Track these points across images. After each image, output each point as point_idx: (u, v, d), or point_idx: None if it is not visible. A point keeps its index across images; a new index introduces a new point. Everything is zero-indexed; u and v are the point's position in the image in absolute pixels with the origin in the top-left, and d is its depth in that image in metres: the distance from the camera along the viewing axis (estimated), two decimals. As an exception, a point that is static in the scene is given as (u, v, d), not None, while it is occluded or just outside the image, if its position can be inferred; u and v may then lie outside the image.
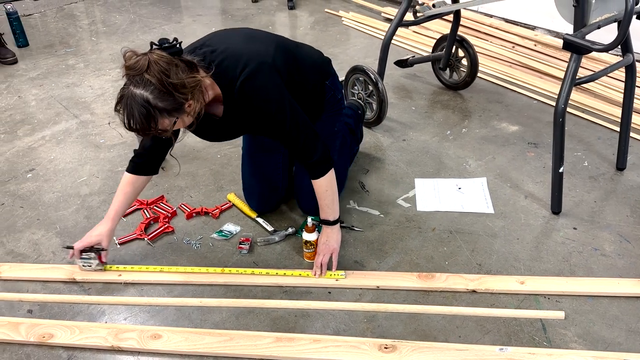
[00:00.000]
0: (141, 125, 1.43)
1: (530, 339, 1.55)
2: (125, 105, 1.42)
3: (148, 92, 1.41)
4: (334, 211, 1.75)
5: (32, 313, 1.71)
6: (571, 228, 1.95)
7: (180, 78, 1.44)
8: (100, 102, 2.98)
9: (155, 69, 1.41)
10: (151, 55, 1.44)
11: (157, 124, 1.45)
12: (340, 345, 1.55)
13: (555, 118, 1.87)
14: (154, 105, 1.41)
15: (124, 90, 1.44)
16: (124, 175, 1.80)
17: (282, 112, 1.61)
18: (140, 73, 1.41)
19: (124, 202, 1.80)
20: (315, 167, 1.69)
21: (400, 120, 2.67)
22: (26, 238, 2.03)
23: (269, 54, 1.62)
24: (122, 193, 1.79)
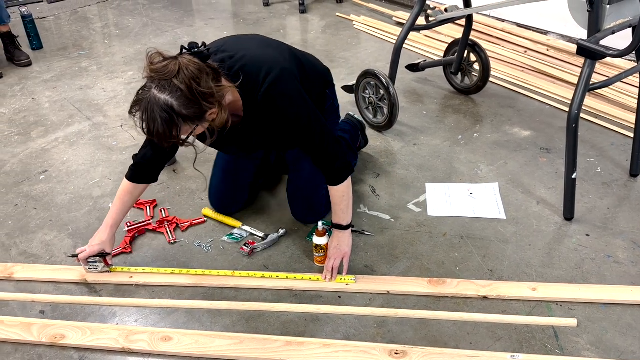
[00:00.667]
0: (162, 132, 1.38)
1: (543, 346, 1.54)
2: (145, 110, 1.37)
3: (174, 98, 1.36)
4: (347, 216, 1.76)
5: (44, 314, 1.72)
6: (584, 235, 1.94)
7: (209, 87, 1.40)
8: (112, 105, 3.00)
9: (186, 75, 1.36)
10: (182, 59, 1.39)
11: (180, 132, 1.41)
12: (351, 350, 1.54)
13: (568, 124, 1.86)
14: (178, 112, 1.37)
15: (145, 94, 1.37)
16: (123, 181, 1.80)
17: (307, 118, 1.61)
18: (168, 78, 1.36)
19: (122, 209, 1.80)
20: (337, 173, 1.69)
21: (411, 125, 2.67)
22: (39, 239, 2.04)
23: (286, 60, 1.62)
24: (120, 201, 1.79)
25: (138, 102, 1.39)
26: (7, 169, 2.48)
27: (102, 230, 1.80)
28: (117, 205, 1.79)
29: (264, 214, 2.11)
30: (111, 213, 1.80)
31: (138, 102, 1.39)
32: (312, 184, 1.96)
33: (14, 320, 1.68)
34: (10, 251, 1.98)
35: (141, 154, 1.76)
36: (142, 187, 1.80)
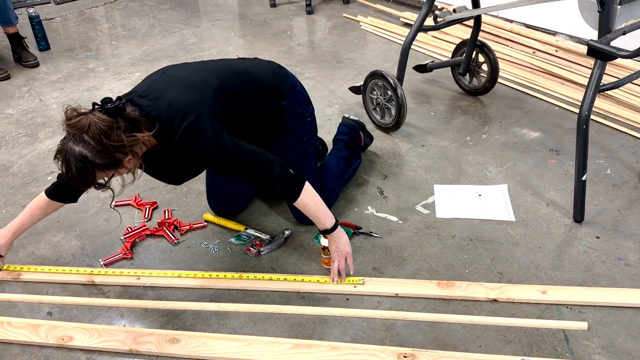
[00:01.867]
0: (79, 178, 1.47)
1: (553, 349, 1.52)
2: (63, 159, 1.46)
3: (87, 150, 1.44)
4: (325, 219, 1.70)
5: (51, 315, 1.72)
6: (594, 237, 1.92)
7: (120, 139, 1.47)
8: (119, 106, 3.00)
9: (95, 130, 1.43)
10: (92, 117, 1.45)
11: (95, 178, 1.51)
12: (359, 353, 1.53)
13: (578, 125, 1.84)
14: (92, 161, 1.45)
15: (64, 144, 1.47)
16: (40, 195, 1.82)
17: (225, 157, 1.60)
18: (80, 132, 1.44)
19: (29, 221, 1.85)
20: (284, 193, 1.66)
21: (419, 126, 2.65)
22: (46, 240, 2.04)
23: (205, 104, 1.61)
24: (30, 214, 1.83)
25: (59, 152, 1.48)
26: (14, 169, 2.49)
27: (3, 236, 1.83)
28: (26, 215, 1.84)
29: (268, 215, 2.10)
30: (17, 220, 1.84)
31: (59, 151, 1.48)
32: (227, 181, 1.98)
33: (22, 321, 1.68)
34: (18, 252, 1.99)
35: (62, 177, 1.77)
36: (57, 206, 1.84)
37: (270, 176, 1.64)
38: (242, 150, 1.62)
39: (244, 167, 1.62)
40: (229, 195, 2.05)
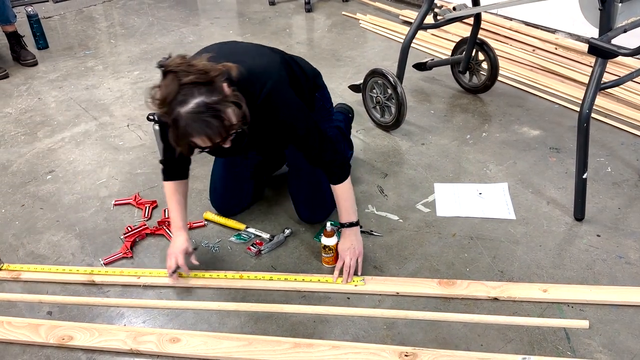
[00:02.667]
0: (219, 130, 1.37)
1: (554, 348, 1.52)
2: (190, 129, 1.35)
3: (196, 97, 1.35)
4: (354, 210, 1.76)
5: (51, 315, 1.72)
6: (595, 235, 1.92)
7: (203, 64, 1.39)
8: (119, 105, 3.00)
9: (180, 70, 1.36)
10: (169, 74, 1.37)
11: (229, 117, 1.39)
12: (360, 352, 1.53)
13: (579, 123, 1.84)
14: (210, 102, 1.35)
15: (177, 122, 1.35)
16: (165, 185, 1.80)
17: (304, 124, 1.64)
18: (176, 93, 1.35)
19: (181, 209, 1.80)
20: (338, 171, 1.71)
21: (419, 124, 2.65)
22: (46, 239, 2.04)
23: (280, 69, 1.64)
24: (175, 202, 1.79)
25: (178, 132, 1.37)
26: (13, 169, 2.48)
27: (178, 235, 1.78)
28: (174, 208, 1.79)
29: (269, 214, 2.10)
30: (175, 217, 1.79)
31: (177, 131, 1.37)
32: (315, 184, 1.96)
33: (22, 321, 1.68)
34: (18, 252, 1.98)
35: (164, 155, 1.78)
36: (184, 183, 1.81)
37: (334, 152, 1.70)
38: (314, 121, 1.66)
39: (316, 139, 1.66)
40: (234, 194, 2.05)
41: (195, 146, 1.44)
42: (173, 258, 1.75)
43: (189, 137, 1.38)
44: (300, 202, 1.99)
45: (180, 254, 1.74)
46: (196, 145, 1.43)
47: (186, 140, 1.39)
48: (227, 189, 2.04)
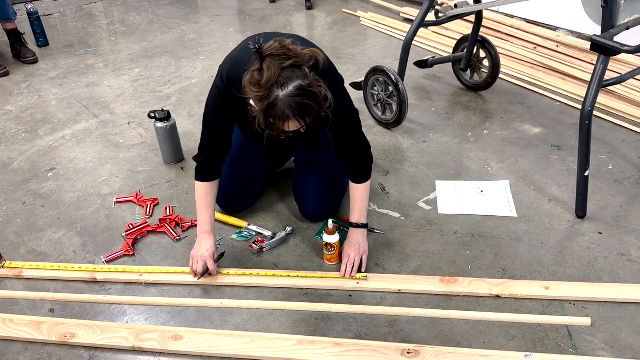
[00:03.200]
0: (316, 113, 1.39)
1: (556, 345, 1.52)
2: (290, 112, 1.36)
3: (297, 81, 1.36)
4: (366, 215, 1.81)
5: (53, 312, 1.72)
6: (596, 233, 1.92)
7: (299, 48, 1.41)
8: (119, 102, 2.99)
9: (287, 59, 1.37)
10: (268, 57, 1.37)
11: (323, 101, 1.40)
12: (362, 350, 1.53)
13: (581, 121, 1.84)
14: (306, 86, 1.36)
15: (275, 105, 1.36)
16: (196, 185, 1.78)
17: (356, 114, 1.71)
18: (277, 77, 1.35)
19: (212, 212, 1.79)
20: (363, 171, 1.77)
21: (420, 122, 2.65)
22: (47, 237, 2.04)
23: None
24: (206, 204, 1.78)
25: (275, 117, 1.38)
26: (14, 166, 2.48)
27: (205, 239, 1.77)
28: (204, 210, 1.78)
29: (270, 212, 2.09)
30: (204, 220, 1.77)
31: (275, 117, 1.38)
32: (323, 182, 1.95)
33: (24, 318, 1.68)
34: (19, 249, 1.98)
35: (204, 153, 1.76)
36: (216, 183, 1.80)
37: (368, 150, 1.76)
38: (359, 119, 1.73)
39: (359, 132, 1.72)
40: (240, 194, 2.05)
41: (282, 131, 1.44)
42: (200, 262, 1.75)
43: (287, 120, 1.39)
44: (305, 200, 1.98)
45: (209, 259, 1.74)
46: (284, 129, 1.43)
47: (282, 123, 1.40)
48: (234, 189, 2.03)
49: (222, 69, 1.63)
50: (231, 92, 1.58)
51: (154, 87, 3.15)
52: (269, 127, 1.42)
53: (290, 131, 1.44)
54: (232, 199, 2.05)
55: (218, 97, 1.64)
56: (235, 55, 1.63)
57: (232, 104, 1.63)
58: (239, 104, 1.57)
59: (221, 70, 1.63)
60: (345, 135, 1.71)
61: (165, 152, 2.42)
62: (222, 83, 1.61)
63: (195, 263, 1.76)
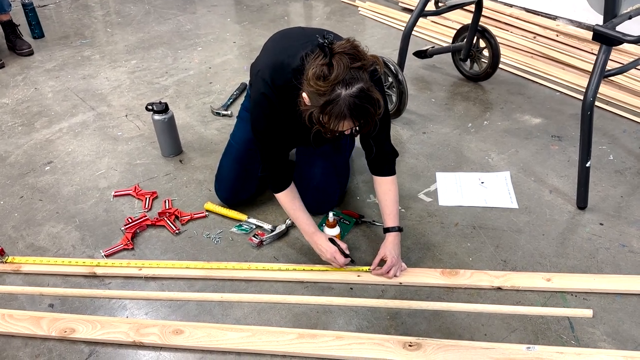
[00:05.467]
0: (372, 117, 1.41)
1: (558, 337, 1.52)
2: (349, 112, 1.37)
3: (361, 83, 1.37)
4: (398, 212, 1.78)
5: (53, 307, 1.71)
6: (597, 224, 1.91)
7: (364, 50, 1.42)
8: (116, 94, 2.97)
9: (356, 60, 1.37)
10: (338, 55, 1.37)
11: (380, 106, 1.42)
12: (364, 342, 1.52)
13: (583, 111, 1.82)
14: (368, 89, 1.38)
15: (336, 102, 1.36)
16: (277, 197, 1.76)
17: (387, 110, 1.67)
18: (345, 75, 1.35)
19: (307, 213, 1.77)
20: (394, 163, 1.76)
21: (419, 113, 2.63)
22: (46, 231, 2.02)
23: None
24: (296, 208, 1.75)
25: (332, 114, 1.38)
26: (11, 160, 2.45)
27: (318, 237, 1.73)
28: (298, 215, 1.76)
29: (270, 205, 2.08)
30: (306, 223, 1.75)
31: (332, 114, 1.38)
32: (327, 175, 1.94)
33: (23, 314, 1.67)
34: (17, 244, 1.96)
35: (269, 168, 1.73)
36: (293, 186, 1.78)
37: (390, 144, 1.74)
38: None
39: (388, 125, 1.71)
40: (242, 186, 2.02)
41: (334, 129, 1.43)
42: (337, 257, 1.71)
43: (343, 119, 1.39)
44: (308, 193, 1.96)
45: (336, 254, 1.71)
46: (337, 128, 1.43)
47: (337, 121, 1.40)
48: (236, 182, 2.01)
49: (261, 76, 1.60)
50: (279, 96, 1.57)
51: (151, 79, 3.12)
52: (320, 123, 1.42)
53: (338, 131, 1.44)
54: (235, 193, 2.03)
55: (266, 104, 1.60)
56: (273, 60, 1.61)
57: (282, 107, 1.61)
58: (288, 106, 1.56)
59: (262, 77, 1.59)
60: (382, 135, 1.70)
61: (163, 144, 2.40)
62: (269, 88, 1.58)
63: (337, 260, 1.71)
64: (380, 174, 1.75)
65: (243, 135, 1.95)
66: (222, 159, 2.05)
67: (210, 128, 2.62)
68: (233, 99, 2.83)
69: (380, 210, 1.77)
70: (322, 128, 1.44)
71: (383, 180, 1.75)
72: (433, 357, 1.47)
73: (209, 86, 3.01)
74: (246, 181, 2.02)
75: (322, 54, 1.40)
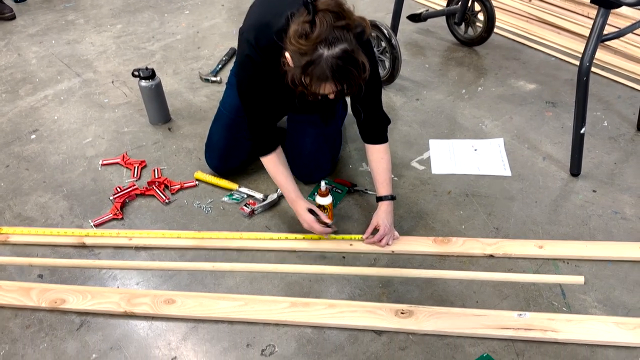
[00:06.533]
0: (355, 80, 1.35)
1: (549, 304, 1.53)
2: (330, 74, 1.31)
3: (345, 43, 1.31)
4: (391, 181, 1.74)
5: (42, 278, 1.69)
6: (590, 191, 1.90)
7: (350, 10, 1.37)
8: (102, 60, 2.89)
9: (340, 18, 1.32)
10: (321, 12, 1.31)
11: (364, 70, 1.36)
12: (356, 311, 1.52)
13: (579, 77, 1.79)
14: (353, 51, 1.32)
15: (317, 63, 1.31)
16: (263, 161, 1.72)
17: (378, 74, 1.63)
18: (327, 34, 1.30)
19: (292, 179, 1.73)
20: (386, 130, 1.71)
21: (413, 79, 2.59)
22: (33, 201, 1.99)
23: None
24: (281, 174, 1.72)
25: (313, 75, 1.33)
26: (-4, 128, 2.40)
27: (298, 205, 1.70)
28: (281, 180, 1.72)
29: (262, 174, 2.04)
30: (290, 189, 1.71)
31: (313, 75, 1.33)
32: (319, 142, 1.91)
33: (12, 284, 1.65)
34: (4, 214, 1.93)
35: (255, 131, 1.69)
36: (280, 150, 1.73)
37: (382, 111, 1.68)
38: None
39: (379, 91, 1.64)
40: (233, 154, 1.98)
41: (316, 92, 1.39)
42: (314, 226, 1.68)
43: (324, 80, 1.34)
44: (301, 161, 1.93)
45: (315, 224, 1.68)
46: (318, 90, 1.38)
47: (318, 83, 1.35)
48: (226, 150, 1.97)
49: (246, 37, 1.55)
50: (264, 57, 1.52)
51: (137, 44, 3.04)
52: (302, 85, 1.38)
53: (320, 94, 1.39)
54: (225, 161, 2.00)
55: (250, 65, 1.56)
56: (258, 20, 1.56)
57: (267, 69, 1.56)
58: (273, 68, 1.50)
59: (246, 38, 1.54)
60: (372, 101, 1.65)
61: (151, 112, 2.35)
62: (253, 49, 1.53)
63: (314, 229, 1.68)
64: (372, 141, 1.72)
65: (233, 102, 1.90)
66: (212, 126, 2.00)
67: (199, 95, 2.56)
68: (222, 65, 2.76)
69: (373, 179, 1.75)
70: (305, 90, 1.39)
71: (375, 148, 1.72)
72: (425, 324, 1.48)
73: (197, 51, 2.94)
74: (236, 149, 1.98)
75: (306, 11, 1.34)
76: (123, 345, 1.49)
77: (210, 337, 1.50)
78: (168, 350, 1.47)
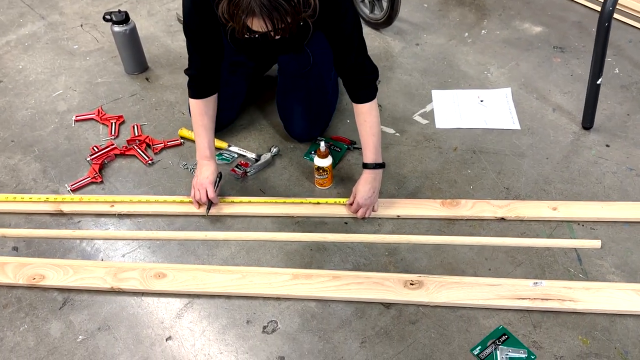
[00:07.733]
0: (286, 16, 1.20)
1: (565, 270, 1.45)
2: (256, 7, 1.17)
3: None
4: (380, 146, 1.56)
5: (17, 250, 1.55)
6: (604, 145, 1.80)
7: None
8: (69, 0, 2.61)
9: None
10: None
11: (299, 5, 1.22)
12: (363, 282, 1.43)
13: (600, 23, 1.64)
14: None
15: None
16: (190, 103, 1.57)
17: (357, 22, 1.46)
18: None
19: (210, 134, 1.59)
20: (373, 85, 1.51)
21: (411, 21, 2.39)
22: (1, 163, 1.81)
23: None
24: (202, 126, 1.57)
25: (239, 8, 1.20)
26: (-47, 79, 2.17)
27: (205, 165, 1.57)
28: (201, 133, 1.57)
29: (253, 130, 1.89)
30: (202, 143, 1.58)
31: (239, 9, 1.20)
32: (313, 95, 1.75)
33: (-16, 260, 1.51)
34: (-30, 179, 1.76)
35: (192, 65, 1.54)
36: (213, 100, 1.58)
37: (370, 61, 1.51)
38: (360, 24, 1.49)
39: (361, 40, 1.48)
40: (224, 110, 1.77)
41: (246, 29, 1.24)
42: (201, 191, 1.56)
43: (250, 15, 1.20)
44: (294, 116, 1.77)
45: (209, 186, 1.55)
46: (248, 28, 1.23)
47: (244, 18, 1.20)
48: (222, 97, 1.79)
49: None
50: None
51: (106, -19, 2.75)
52: (232, 19, 1.23)
53: (257, 32, 1.24)
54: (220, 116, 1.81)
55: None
56: None
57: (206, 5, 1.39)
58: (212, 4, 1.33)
59: None
60: (346, 43, 1.45)
61: (126, 60, 2.13)
62: None
63: (197, 192, 1.57)
64: (356, 100, 1.52)
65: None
66: None
67: (178, 39, 2.34)
68: (202, 6, 2.52)
69: None
70: (235, 24, 1.24)
71: (359, 108, 1.52)
72: (436, 296, 1.39)
73: (174, -10, 2.67)
74: (224, 103, 1.80)
75: None
76: (112, 325, 1.37)
77: (207, 313, 1.39)
78: (162, 329, 1.36)
